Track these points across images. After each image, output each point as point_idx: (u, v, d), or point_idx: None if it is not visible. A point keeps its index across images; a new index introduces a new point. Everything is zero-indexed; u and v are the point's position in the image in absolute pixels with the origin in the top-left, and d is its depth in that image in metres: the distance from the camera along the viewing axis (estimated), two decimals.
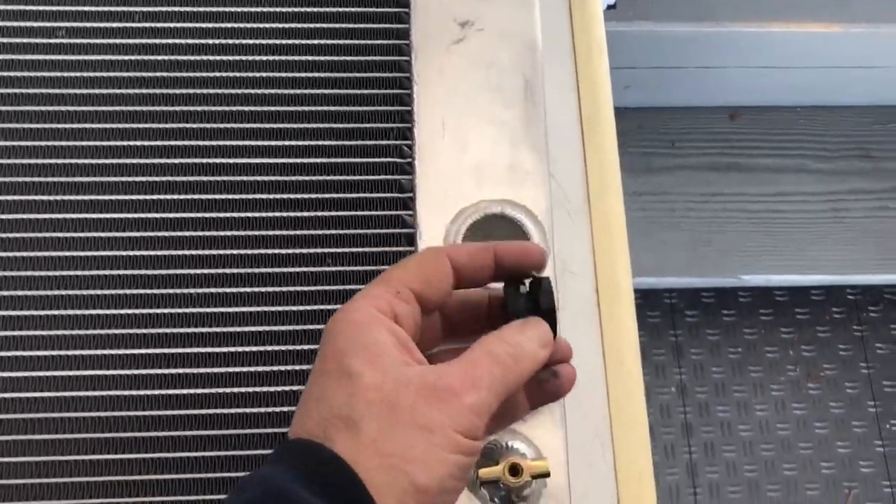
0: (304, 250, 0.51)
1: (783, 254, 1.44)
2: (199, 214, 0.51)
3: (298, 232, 0.51)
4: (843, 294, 1.54)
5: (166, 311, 0.49)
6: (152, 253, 0.50)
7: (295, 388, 0.48)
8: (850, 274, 1.43)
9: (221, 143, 0.52)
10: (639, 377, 0.55)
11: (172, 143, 0.52)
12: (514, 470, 0.43)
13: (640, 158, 1.47)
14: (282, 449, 0.34)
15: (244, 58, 0.53)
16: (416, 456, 0.33)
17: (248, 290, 0.50)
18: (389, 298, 0.37)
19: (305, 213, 0.51)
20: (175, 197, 0.51)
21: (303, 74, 0.53)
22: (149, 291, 0.49)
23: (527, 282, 0.41)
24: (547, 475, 0.43)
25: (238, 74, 0.53)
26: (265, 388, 0.48)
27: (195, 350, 0.49)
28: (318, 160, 0.52)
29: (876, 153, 1.50)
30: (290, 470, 0.32)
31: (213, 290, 0.49)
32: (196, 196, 0.51)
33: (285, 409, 0.48)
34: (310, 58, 0.54)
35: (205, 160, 0.52)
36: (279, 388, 0.48)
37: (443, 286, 0.38)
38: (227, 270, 0.50)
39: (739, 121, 1.50)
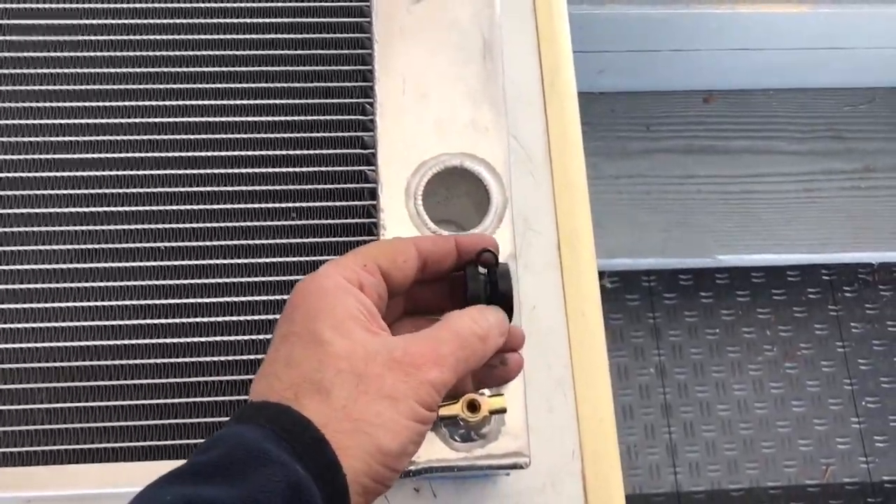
0: (270, 205, 0.52)
1: (758, 234, 1.46)
2: (163, 172, 0.52)
3: (263, 187, 0.52)
4: (818, 274, 1.56)
5: (119, 264, 0.50)
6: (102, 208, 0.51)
7: (259, 337, 0.50)
8: (824, 252, 1.45)
9: (183, 103, 0.53)
10: (600, 326, 0.56)
11: (129, 103, 0.53)
12: (472, 406, 0.44)
13: (614, 143, 1.49)
14: (252, 409, 0.35)
15: (202, 21, 0.54)
16: (382, 422, 0.35)
17: (214, 243, 0.51)
18: (356, 269, 0.39)
19: (270, 169, 0.52)
20: (137, 155, 0.52)
21: (266, 36, 0.55)
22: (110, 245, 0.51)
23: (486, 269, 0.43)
24: (504, 411, 0.44)
25: (198, 37, 0.54)
26: (233, 338, 0.50)
27: (164, 302, 0.50)
28: (283, 118, 0.53)
29: (847, 134, 1.52)
30: (261, 429, 0.34)
31: (178, 243, 0.51)
32: (158, 154, 0.52)
33: (252, 357, 0.49)
34: (273, 20, 0.55)
35: (167, 119, 0.53)
36: (247, 338, 0.50)
37: (408, 268, 0.40)
38: (190, 225, 0.51)
39: (713, 104, 1.52)
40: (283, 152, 0.53)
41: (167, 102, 0.53)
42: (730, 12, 1.31)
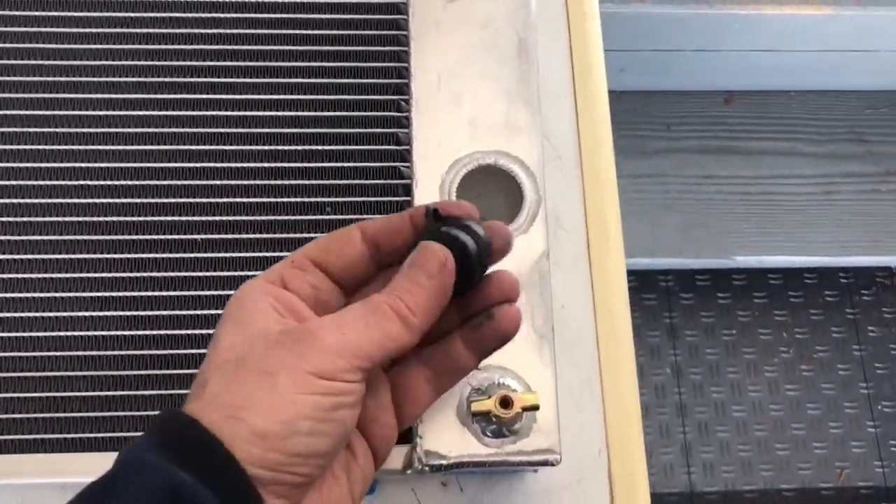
0: (306, 199, 0.52)
1: (776, 236, 1.46)
2: (200, 165, 0.53)
3: (300, 182, 0.53)
4: (835, 277, 1.55)
5: (158, 255, 0.51)
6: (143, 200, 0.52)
7: None
8: (842, 256, 1.45)
9: (221, 96, 0.54)
10: (627, 325, 0.56)
11: (166, 96, 0.54)
12: (505, 402, 0.44)
13: (635, 141, 1.49)
14: (151, 422, 0.35)
15: (240, 15, 0.55)
16: (254, 403, 0.33)
17: (249, 236, 0.51)
18: (280, 269, 0.38)
19: (307, 164, 0.53)
20: (174, 148, 0.53)
21: (305, 32, 0.55)
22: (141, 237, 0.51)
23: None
24: (536, 408, 0.45)
25: (235, 31, 0.55)
26: None
27: (188, 293, 0.50)
28: (320, 114, 0.54)
29: (868, 137, 1.52)
30: (147, 439, 0.33)
31: (213, 236, 0.51)
32: (198, 146, 0.53)
33: None
34: (310, 16, 0.55)
35: (206, 113, 0.53)
36: None
37: (345, 251, 0.39)
38: (229, 218, 0.52)
39: (734, 105, 1.51)
40: (318, 147, 0.53)
41: (202, 96, 0.54)
42: (753, 13, 1.31)
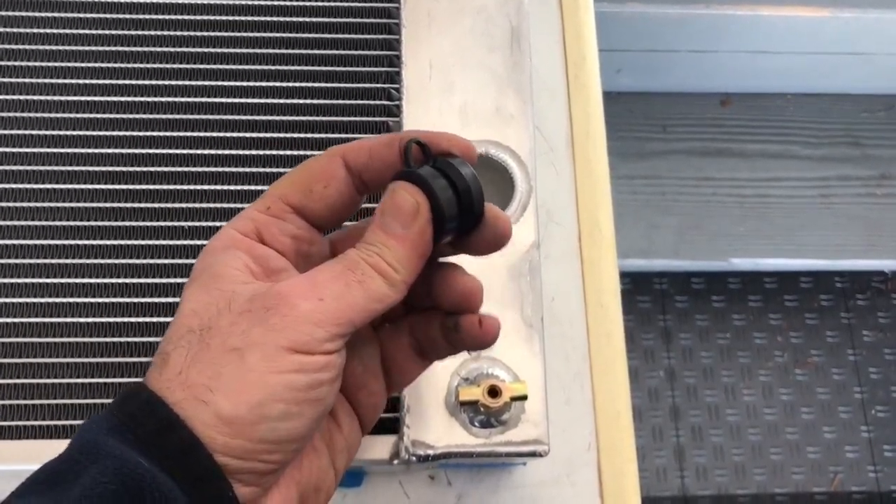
0: None
1: (772, 238, 1.46)
2: (189, 152, 0.52)
3: (288, 170, 0.52)
4: (831, 282, 1.55)
5: (143, 243, 0.50)
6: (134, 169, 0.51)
7: None
8: (837, 259, 1.45)
9: (212, 83, 0.53)
10: (618, 320, 0.56)
11: (159, 82, 0.53)
12: (493, 392, 0.44)
13: (631, 143, 1.49)
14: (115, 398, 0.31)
15: (232, 2, 0.54)
16: (220, 383, 0.29)
17: None
18: (256, 216, 0.34)
19: (297, 152, 0.52)
20: (161, 134, 0.52)
21: (296, 19, 0.54)
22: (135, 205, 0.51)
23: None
24: (525, 398, 0.44)
25: (226, 18, 0.54)
26: None
27: (175, 280, 0.50)
28: (310, 101, 0.53)
29: (864, 140, 1.52)
30: (107, 419, 0.29)
31: (200, 223, 0.51)
32: (188, 133, 0.52)
33: None
34: (302, 3, 0.55)
35: (196, 99, 0.53)
36: None
37: (329, 193, 0.34)
38: (217, 205, 0.51)
39: (730, 107, 1.51)
40: (309, 135, 0.53)
41: (188, 83, 0.53)
42: (750, 14, 1.31)
